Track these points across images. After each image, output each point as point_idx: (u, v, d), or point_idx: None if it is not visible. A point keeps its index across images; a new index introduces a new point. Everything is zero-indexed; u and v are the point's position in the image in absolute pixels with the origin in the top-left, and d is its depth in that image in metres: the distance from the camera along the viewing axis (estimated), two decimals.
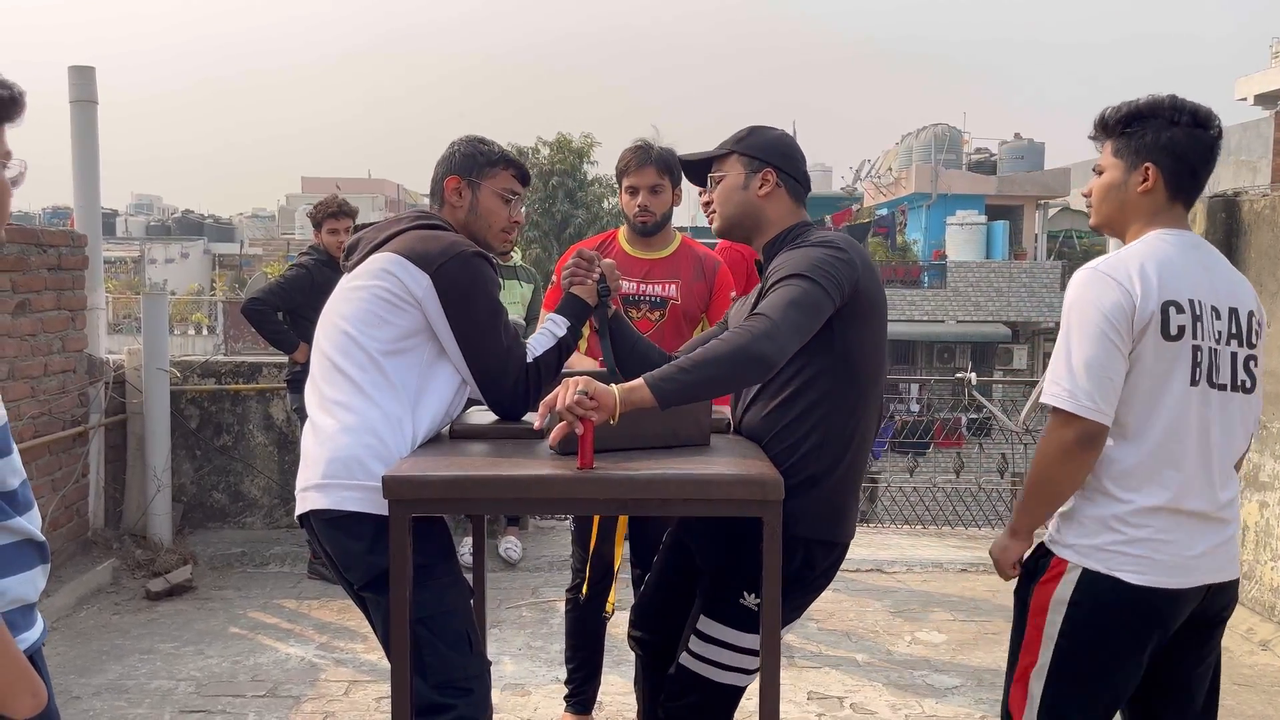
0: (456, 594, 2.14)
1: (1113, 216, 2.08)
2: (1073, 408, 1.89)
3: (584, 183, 21.97)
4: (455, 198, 2.31)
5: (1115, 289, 1.91)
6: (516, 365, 2.17)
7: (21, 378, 4.54)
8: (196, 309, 25.80)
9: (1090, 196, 2.13)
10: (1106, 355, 1.90)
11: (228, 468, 5.72)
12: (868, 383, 2.12)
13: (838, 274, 2.02)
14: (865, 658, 4.11)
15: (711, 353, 1.88)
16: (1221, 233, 4.81)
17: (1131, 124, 2.03)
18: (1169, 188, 2.02)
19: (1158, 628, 1.96)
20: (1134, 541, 1.94)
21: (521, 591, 4.90)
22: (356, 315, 2.14)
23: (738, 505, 1.89)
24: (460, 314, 2.12)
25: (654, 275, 3.09)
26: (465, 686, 2.08)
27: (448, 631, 2.07)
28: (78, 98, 4.87)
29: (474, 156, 2.32)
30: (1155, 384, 1.93)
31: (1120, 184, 2.05)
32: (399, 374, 2.13)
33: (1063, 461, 1.93)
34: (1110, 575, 1.94)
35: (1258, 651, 4.22)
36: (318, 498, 2.10)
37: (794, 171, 2.24)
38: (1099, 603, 1.95)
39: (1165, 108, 2.01)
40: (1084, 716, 2.00)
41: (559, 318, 2.29)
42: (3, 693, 1.32)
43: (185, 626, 4.37)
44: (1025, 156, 28.21)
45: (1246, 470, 4.61)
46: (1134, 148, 2.03)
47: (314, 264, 4.89)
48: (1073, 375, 1.90)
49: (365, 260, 2.20)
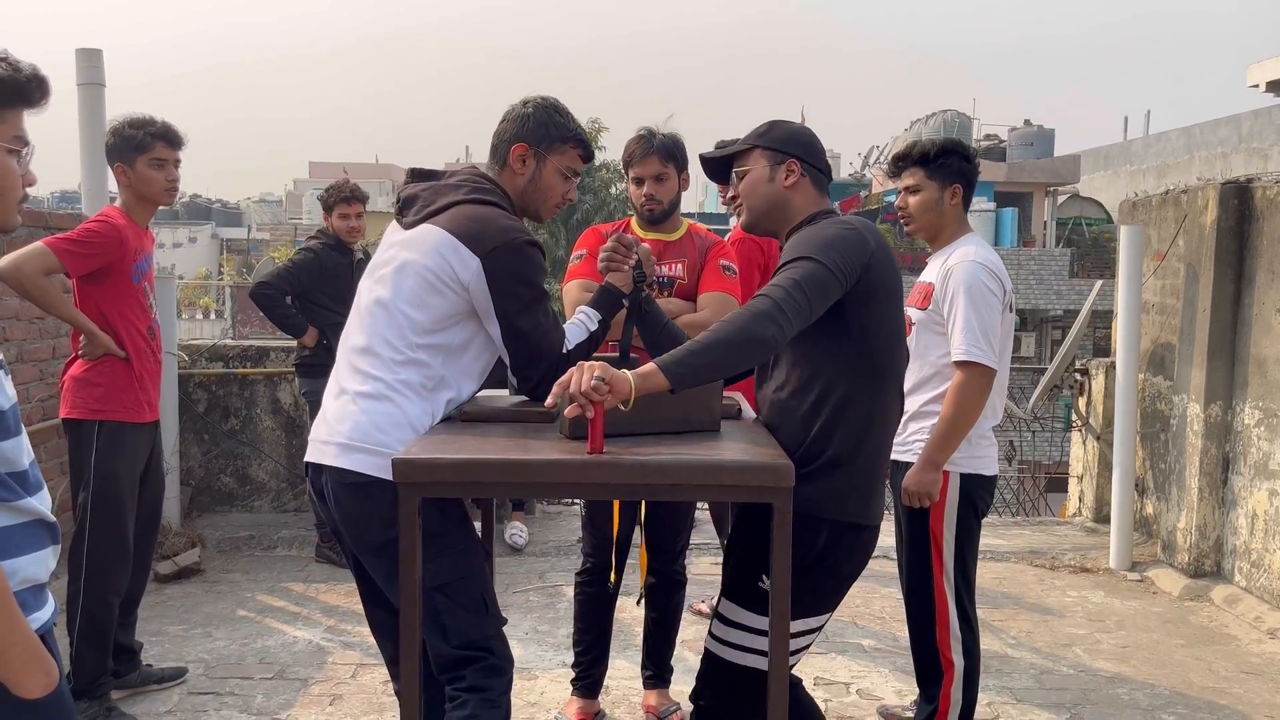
0: (471, 558, 2.17)
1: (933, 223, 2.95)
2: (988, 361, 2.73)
3: (592, 168, 21.89)
4: (519, 164, 2.29)
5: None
6: (552, 353, 2.20)
7: (30, 360, 4.55)
8: (204, 293, 25.86)
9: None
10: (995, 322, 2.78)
11: (235, 451, 5.73)
12: (886, 364, 2.14)
13: (848, 254, 2.03)
14: (872, 644, 4.11)
15: (718, 335, 1.91)
16: (1234, 219, 4.78)
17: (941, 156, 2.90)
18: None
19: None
20: (990, 446, 2.93)
21: (528, 576, 4.90)
22: (400, 291, 2.16)
23: (748, 492, 1.88)
24: (507, 300, 2.14)
25: (665, 257, 3.13)
26: (486, 646, 2.15)
27: (465, 596, 2.13)
28: (85, 80, 4.85)
29: (547, 127, 2.28)
30: (1003, 345, 2.87)
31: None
32: (430, 354, 2.15)
33: (980, 404, 2.75)
34: (976, 474, 2.86)
35: (1265, 640, 4.21)
36: (339, 456, 2.12)
37: (816, 162, 2.26)
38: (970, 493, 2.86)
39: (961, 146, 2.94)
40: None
41: (592, 312, 2.32)
42: (15, 672, 1.33)
43: (193, 609, 4.39)
44: (1034, 143, 28.04)
45: (1256, 458, 4.59)
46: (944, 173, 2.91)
47: (322, 248, 4.89)
48: (989, 338, 2.74)
49: (418, 226, 2.20)
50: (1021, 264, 23.58)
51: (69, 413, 3.25)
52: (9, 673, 1.33)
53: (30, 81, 1.43)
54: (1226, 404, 4.81)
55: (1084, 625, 4.39)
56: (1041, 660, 3.99)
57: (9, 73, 1.40)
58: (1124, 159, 26.72)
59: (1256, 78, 17.01)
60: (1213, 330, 4.81)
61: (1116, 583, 5.03)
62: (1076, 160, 26.89)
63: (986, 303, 2.76)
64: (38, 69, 1.44)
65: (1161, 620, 4.48)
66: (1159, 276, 5.49)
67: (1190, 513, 4.91)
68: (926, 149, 2.94)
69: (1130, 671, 3.89)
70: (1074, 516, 6.31)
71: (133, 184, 3.22)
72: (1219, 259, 4.80)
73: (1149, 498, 5.53)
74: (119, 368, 3.24)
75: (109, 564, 3.24)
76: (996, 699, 3.60)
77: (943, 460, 2.79)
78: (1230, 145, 22.33)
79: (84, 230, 3.14)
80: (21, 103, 1.43)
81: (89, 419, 3.22)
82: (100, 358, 3.22)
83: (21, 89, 1.42)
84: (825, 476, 2.08)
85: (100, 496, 3.22)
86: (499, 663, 2.16)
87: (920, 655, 2.96)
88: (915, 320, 2.93)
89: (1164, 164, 24.31)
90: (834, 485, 2.08)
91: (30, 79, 1.43)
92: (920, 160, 2.93)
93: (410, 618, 1.90)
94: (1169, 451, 5.20)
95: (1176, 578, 4.92)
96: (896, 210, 3.04)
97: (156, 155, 3.20)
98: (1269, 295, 4.57)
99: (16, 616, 1.32)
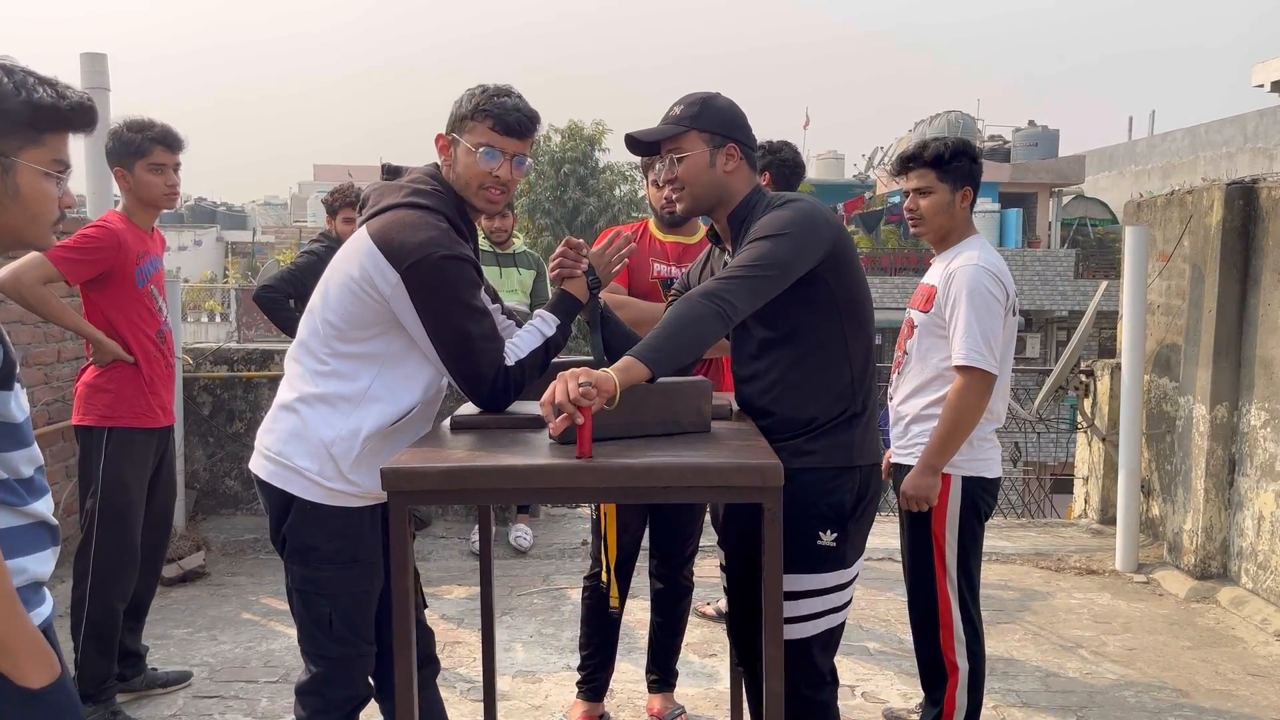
0: (334, 578, 2.19)
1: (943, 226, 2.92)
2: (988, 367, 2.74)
3: (596, 170, 21.90)
4: (445, 157, 2.20)
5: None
6: (489, 366, 2.10)
7: (35, 364, 4.56)
8: (209, 296, 25.88)
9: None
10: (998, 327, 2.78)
11: (240, 454, 5.73)
12: (868, 316, 2.28)
13: (814, 230, 2.12)
14: (877, 646, 4.10)
15: (680, 314, 1.99)
16: (1239, 219, 4.77)
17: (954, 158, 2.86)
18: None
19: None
20: (993, 448, 2.93)
21: (533, 579, 4.90)
22: (328, 300, 2.16)
23: (738, 492, 1.88)
24: (428, 314, 2.07)
25: (686, 260, 3.12)
26: (322, 654, 2.22)
27: (314, 610, 2.20)
28: (90, 85, 4.87)
29: (458, 108, 2.16)
30: (1006, 349, 2.85)
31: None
32: (354, 364, 2.13)
33: (979, 408, 2.76)
34: (978, 476, 2.86)
35: (1272, 642, 4.19)
36: (256, 458, 2.23)
37: (751, 142, 2.28)
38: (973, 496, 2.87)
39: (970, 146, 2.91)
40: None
41: (549, 315, 2.24)
42: (20, 663, 1.41)
43: (198, 613, 4.40)
44: (1039, 143, 27.99)
45: (1263, 460, 4.58)
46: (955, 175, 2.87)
47: (325, 251, 4.88)
48: (990, 343, 2.73)
49: (362, 227, 2.17)
50: (1026, 265, 23.55)
51: (79, 419, 3.26)
52: (12, 664, 1.41)
53: (74, 110, 1.46)
54: (1232, 405, 4.79)
55: (1090, 627, 4.38)
56: (1047, 663, 3.97)
57: (53, 99, 1.43)
58: (1129, 159, 26.68)
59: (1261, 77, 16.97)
60: (1218, 331, 4.79)
61: (1122, 585, 5.01)
62: (1081, 161, 26.83)
63: (988, 307, 2.75)
64: (85, 98, 1.46)
65: (1168, 622, 4.46)
66: (1164, 277, 5.47)
67: (1196, 514, 4.89)
68: (940, 150, 2.88)
69: (1136, 674, 3.87)
70: (1080, 518, 6.30)
71: (133, 188, 3.22)
72: (1224, 259, 4.79)
73: (1155, 499, 5.51)
74: (129, 373, 3.24)
75: (115, 570, 3.24)
76: (1002, 702, 3.59)
77: (941, 465, 2.79)
78: (1235, 145, 22.28)
79: (81, 237, 3.13)
80: (64, 128, 1.47)
81: (98, 425, 3.22)
82: (110, 364, 3.22)
83: (63, 117, 1.45)
84: (849, 428, 2.22)
85: (108, 503, 3.22)
86: (326, 688, 2.22)
87: (924, 659, 2.95)
88: (918, 323, 2.92)
89: (1169, 164, 24.26)
90: (856, 435, 2.24)
91: (74, 107, 1.46)
92: (933, 162, 2.87)
93: (404, 621, 1.90)
94: (1175, 453, 5.19)
95: (1183, 579, 4.90)
96: (905, 212, 3.01)
97: (155, 159, 3.19)
98: (1275, 296, 4.56)
99: (19, 611, 1.41)
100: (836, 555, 2.22)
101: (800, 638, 2.22)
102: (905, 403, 2.95)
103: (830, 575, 2.23)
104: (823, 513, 2.20)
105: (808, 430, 2.20)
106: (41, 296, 3.12)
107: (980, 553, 2.94)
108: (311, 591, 2.19)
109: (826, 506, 2.19)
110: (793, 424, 2.20)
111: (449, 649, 3.95)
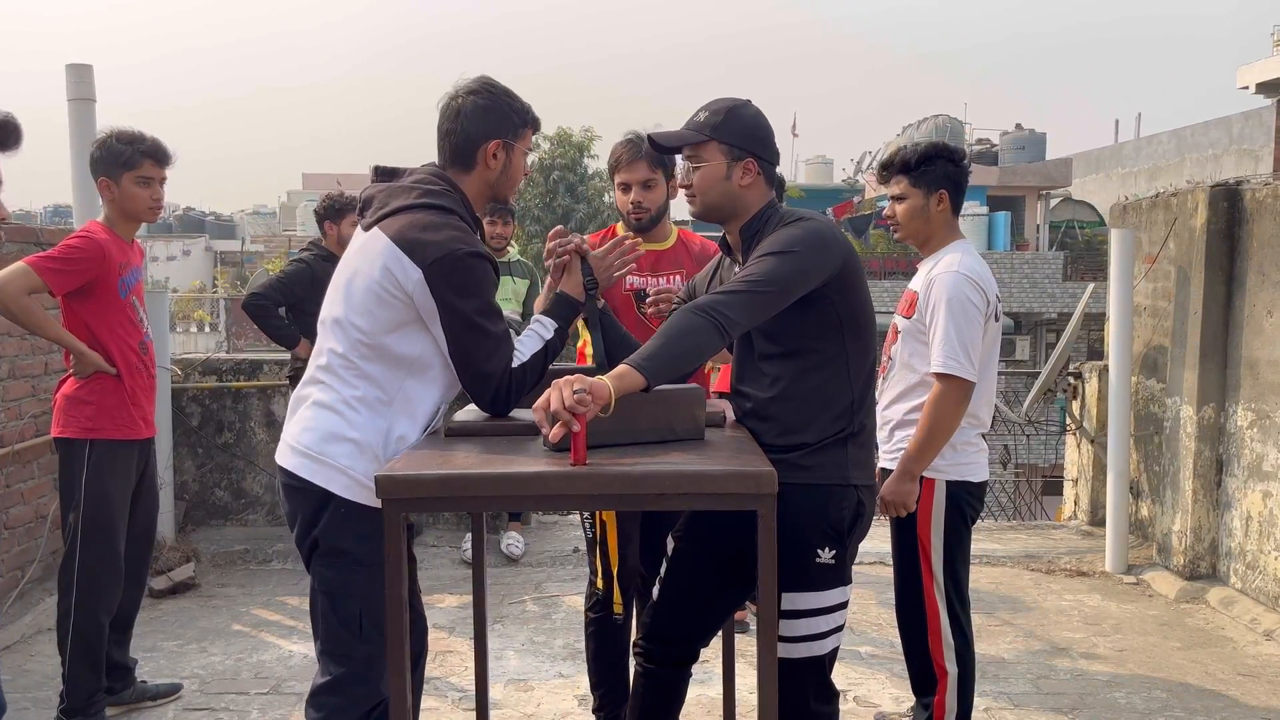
0: (365, 580, 2.16)
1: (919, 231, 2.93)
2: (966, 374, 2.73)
3: (585, 176, 21.92)
4: (493, 160, 2.24)
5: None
6: (500, 367, 2.16)
7: (22, 376, 4.54)
8: (198, 306, 25.80)
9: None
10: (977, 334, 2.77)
11: (230, 465, 5.72)
12: (872, 338, 2.29)
13: (821, 250, 2.13)
14: (869, 650, 4.11)
15: (679, 325, 2.00)
16: (1224, 222, 4.80)
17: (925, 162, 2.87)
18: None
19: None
20: (978, 452, 2.93)
21: (524, 587, 4.89)
22: (351, 304, 2.16)
23: (732, 499, 1.88)
24: (449, 312, 2.11)
25: (661, 267, 3.03)
26: (347, 654, 2.20)
27: (344, 610, 2.18)
28: (75, 96, 4.85)
29: (509, 116, 2.24)
30: (989, 354, 2.87)
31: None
32: (383, 367, 2.15)
33: (956, 415, 2.75)
34: (963, 480, 2.87)
35: (1262, 642, 4.21)
36: (285, 456, 2.20)
37: (771, 157, 2.29)
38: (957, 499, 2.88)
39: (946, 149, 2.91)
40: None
41: (547, 320, 2.28)
42: None
43: (188, 624, 4.38)
44: (1027, 147, 28.12)
45: (1250, 460, 4.60)
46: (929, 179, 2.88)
47: (314, 259, 4.88)
48: (968, 351, 2.73)
49: (371, 230, 2.19)
50: (1015, 267, 23.63)
51: (60, 431, 3.23)
52: None
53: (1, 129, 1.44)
54: (1219, 406, 4.82)
55: (1080, 629, 4.39)
56: (1038, 664, 3.98)
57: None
58: (1115, 162, 26.80)
59: (1246, 79, 17.09)
60: (1204, 332, 4.82)
61: (1112, 586, 5.03)
62: (1068, 164, 26.95)
63: (967, 315, 2.74)
64: (10, 116, 1.44)
65: (1158, 623, 4.48)
66: (1150, 279, 5.50)
67: (1185, 515, 4.91)
68: (909, 156, 2.89)
69: (1127, 675, 3.89)
70: (1070, 520, 6.32)
71: (117, 199, 3.20)
72: (1209, 261, 4.81)
73: (1144, 500, 5.54)
74: (110, 385, 3.22)
75: (100, 583, 3.22)
76: (994, 704, 3.59)
77: (919, 471, 2.79)
78: (1221, 147, 22.41)
79: (65, 247, 3.12)
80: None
81: (80, 438, 3.19)
82: (91, 375, 3.20)
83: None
84: (849, 446, 2.23)
85: (91, 516, 3.19)
86: (352, 685, 2.20)
87: (914, 664, 2.95)
88: (902, 329, 2.92)
89: (1155, 166, 24.39)
90: (853, 453, 2.24)
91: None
92: (903, 168, 2.90)
93: (398, 626, 1.89)
94: (1163, 454, 5.21)
95: (1172, 580, 4.92)
96: (886, 218, 3.03)
97: (144, 173, 3.18)
98: (1259, 297, 4.59)
99: None
100: (836, 572, 2.23)
101: (816, 655, 2.24)
102: (890, 408, 2.96)
103: (835, 592, 2.24)
104: (821, 530, 2.20)
105: (805, 446, 2.20)
106: (26, 307, 3.10)
107: (968, 557, 2.94)
108: (342, 594, 2.17)
109: (825, 524, 2.20)
110: (791, 439, 2.20)
111: (440, 658, 3.94)
